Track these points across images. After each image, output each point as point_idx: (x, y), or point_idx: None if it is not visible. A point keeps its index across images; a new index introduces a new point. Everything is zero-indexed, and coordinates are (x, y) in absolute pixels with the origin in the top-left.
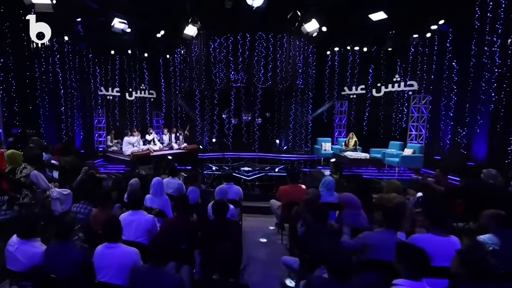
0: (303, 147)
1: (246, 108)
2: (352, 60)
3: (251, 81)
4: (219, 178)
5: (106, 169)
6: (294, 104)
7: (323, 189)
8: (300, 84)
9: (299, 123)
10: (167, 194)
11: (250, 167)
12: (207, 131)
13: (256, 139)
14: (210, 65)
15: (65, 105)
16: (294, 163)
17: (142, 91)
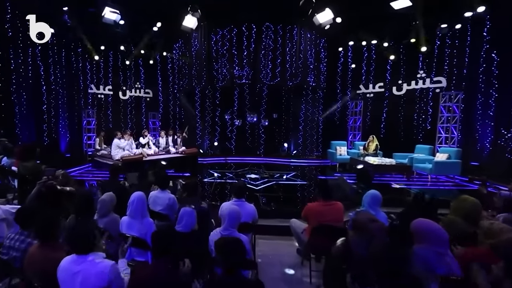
0: (314, 152)
1: (251, 108)
2: (368, 56)
3: (257, 78)
4: (222, 187)
5: (94, 176)
6: (304, 104)
7: (366, 206)
8: (311, 81)
9: (309, 125)
10: (154, 214)
11: (258, 175)
12: (208, 134)
13: (262, 142)
14: (212, 60)
15: (47, 103)
16: (309, 170)
17: (137, 90)
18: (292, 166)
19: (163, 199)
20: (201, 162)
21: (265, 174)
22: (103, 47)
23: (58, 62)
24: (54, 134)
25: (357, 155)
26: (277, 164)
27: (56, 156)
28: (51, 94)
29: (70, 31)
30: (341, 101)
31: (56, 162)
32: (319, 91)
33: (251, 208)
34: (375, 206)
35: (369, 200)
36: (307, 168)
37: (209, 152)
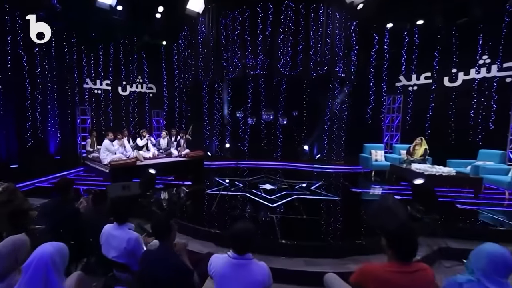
0: (342, 156)
1: (267, 104)
2: (410, 40)
3: (273, 68)
4: (227, 202)
5: (84, 182)
6: (331, 99)
7: (479, 275)
8: (340, 72)
9: (337, 124)
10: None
11: (274, 184)
12: (217, 134)
13: (280, 144)
14: (221, 48)
15: (32, 98)
16: (336, 178)
17: (139, 84)
18: (315, 173)
19: (120, 240)
20: (208, 166)
21: (283, 184)
22: (99, 36)
23: (47, 52)
24: (40, 134)
25: (399, 161)
26: (297, 170)
27: (43, 158)
28: (37, 88)
29: (59, 17)
30: (373, 95)
31: (41, 165)
32: (348, 83)
33: (264, 270)
34: (497, 276)
35: (485, 265)
36: (333, 176)
37: (219, 155)
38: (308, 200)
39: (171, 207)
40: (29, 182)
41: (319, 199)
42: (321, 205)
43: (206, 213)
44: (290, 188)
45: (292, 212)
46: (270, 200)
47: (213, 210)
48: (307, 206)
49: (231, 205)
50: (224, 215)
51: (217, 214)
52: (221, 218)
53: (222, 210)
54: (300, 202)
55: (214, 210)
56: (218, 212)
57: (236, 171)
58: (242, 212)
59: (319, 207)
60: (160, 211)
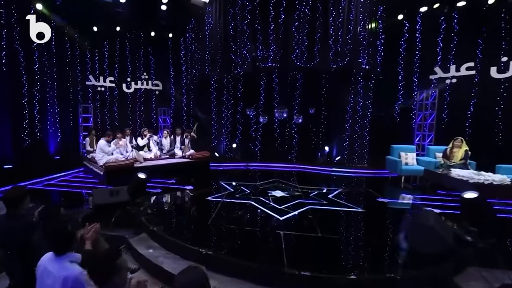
0: (365, 158)
1: (281, 101)
2: (448, 26)
3: (287, 60)
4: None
5: (82, 185)
6: (353, 95)
7: None
8: (364, 64)
9: (360, 123)
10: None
11: (286, 191)
12: (226, 134)
13: (294, 145)
14: (229, 39)
15: (29, 96)
16: (358, 183)
17: (144, 81)
18: (334, 177)
19: (54, 279)
20: (216, 168)
21: (296, 191)
22: (102, 30)
23: (46, 48)
24: (39, 133)
25: (435, 166)
26: (314, 174)
27: (40, 159)
28: (35, 85)
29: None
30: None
31: (38, 166)
32: (373, 77)
33: None
34: None
35: None
36: (355, 181)
37: (228, 156)
38: (325, 212)
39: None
40: (21, 184)
41: (338, 211)
42: (340, 219)
43: (200, 226)
44: (304, 195)
45: (304, 227)
46: (279, 210)
47: (209, 223)
48: (323, 219)
49: (231, 217)
50: (221, 230)
51: (213, 228)
52: (217, 233)
53: (220, 223)
54: (315, 214)
55: (210, 223)
56: (214, 226)
57: (245, 174)
58: (242, 226)
59: (338, 221)
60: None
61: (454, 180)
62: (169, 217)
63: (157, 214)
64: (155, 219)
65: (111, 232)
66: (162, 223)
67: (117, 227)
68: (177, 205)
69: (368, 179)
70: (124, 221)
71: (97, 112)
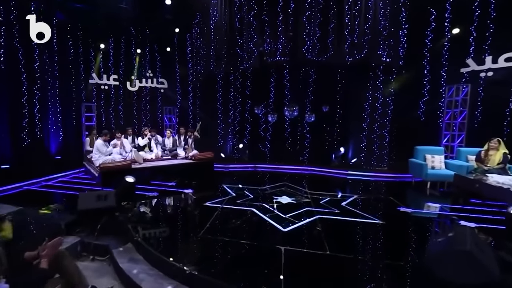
0: (385, 161)
1: (292, 98)
2: (484, 13)
3: (298, 53)
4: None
5: (80, 187)
6: (371, 91)
7: None
8: (384, 56)
9: (379, 122)
10: None
11: (293, 197)
12: (232, 133)
13: (307, 145)
14: (235, 33)
15: (29, 95)
16: (376, 188)
17: (149, 79)
18: (350, 181)
19: None
20: (221, 170)
21: (305, 197)
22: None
23: (47, 46)
24: (39, 132)
25: (467, 171)
26: (327, 178)
27: (40, 158)
28: (35, 83)
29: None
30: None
31: (37, 166)
32: (395, 70)
33: None
34: None
35: None
36: (373, 186)
37: (236, 156)
38: (337, 223)
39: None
40: (18, 184)
41: (352, 222)
42: (354, 232)
43: (190, 238)
44: (314, 202)
45: (310, 242)
46: (282, 220)
47: (201, 234)
48: (334, 233)
49: (227, 227)
50: (213, 243)
51: (204, 241)
52: (208, 247)
53: (213, 235)
54: (324, 226)
55: (202, 235)
56: (206, 238)
57: (252, 177)
58: (238, 239)
59: (350, 236)
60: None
61: (492, 188)
62: (158, 226)
63: (146, 222)
64: (144, 227)
65: (95, 241)
66: (149, 232)
67: (103, 235)
68: (170, 212)
69: (388, 184)
70: (111, 228)
71: (102, 111)
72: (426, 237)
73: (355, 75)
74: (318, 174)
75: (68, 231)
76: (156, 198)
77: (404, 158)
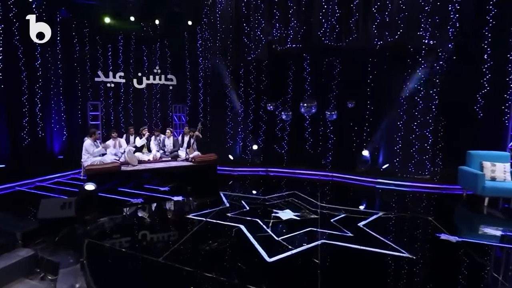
0: (426, 168)
1: (312, 93)
2: None
3: (313, 38)
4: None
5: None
6: (409, 82)
7: None
8: (427, 37)
9: (420, 120)
10: None
11: (298, 211)
12: (241, 132)
13: (330, 146)
14: (241, 20)
15: (29, 93)
16: (414, 205)
17: (157, 76)
18: (379, 190)
19: None
20: (228, 174)
21: (313, 211)
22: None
23: (49, 44)
24: (41, 132)
25: None
26: (352, 186)
27: (40, 158)
28: (37, 82)
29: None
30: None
31: (36, 165)
32: (443, 56)
33: None
34: None
35: None
36: (409, 200)
37: (248, 159)
38: (345, 254)
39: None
40: (10, 184)
41: (368, 254)
42: (367, 271)
43: (148, 264)
44: (323, 220)
45: (300, 283)
46: (272, 244)
47: (162, 259)
48: (338, 269)
49: (200, 250)
50: (173, 272)
51: (163, 269)
52: (165, 279)
53: (178, 260)
54: (325, 257)
55: (163, 260)
56: (167, 266)
57: (260, 183)
58: (206, 269)
59: (361, 275)
60: None
61: None
62: (118, 244)
63: (103, 238)
64: (103, 244)
65: (48, 256)
66: (99, 253)
67: (57, 249)
68: (140, 226)
69: (429, 198)
70: (70, 242)
71: (110, 110)
72: (479, 285)
73: (387, 62)
74: (341, 182)
75: (25, 242)
76: (130, 207)
77: (453, 165)
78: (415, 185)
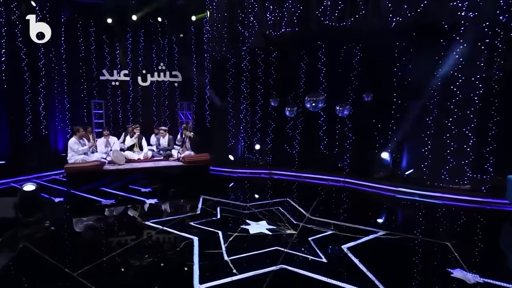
0: (465, 176)
1: (320, 85)
2: None
3: (311, 19)
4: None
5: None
6: (441, 68)
7: None
8: (464, 11)
9: (455, 117)
10: None
11: (275, 224)
12: (243, 131)
13: (348, 147)
14: (236, 7)
15: (32, 92)
16: (450, 228)
17: (161, 73)
18: (403, 202)
19: None
20: (227, 175)
21: (294, 225)
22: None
23: (53, 43)
24: (44, 130)
25: None
26: (366, 194)
27: (42, 155)
28: (40, 81)
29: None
30: None
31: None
32: (487, 33)
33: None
34: None
35: None
36: (442, 217)
37: (254, 160)
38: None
39: None
40: (6, 180)
41: None
42: None
43: (65, 277)
44: (299, 237)
45: None
46: (217, 265)
47: (80, 272)
48: None
49: (127, 265)
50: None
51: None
52: None
53: (89, 278)
54: None
55: (81, 274)
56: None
57: (256, 187)
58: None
59: None
60: None
61: None
62: (43, 250)
63: (43, 243)
64: (36, 250)
65: None
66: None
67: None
68: (84, 231)
69: (467, 213)
70: (12, 245)
71: (118, 108)
72: None
73: (407, 45)
74: (354, 188)
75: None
76: (93, 209)
77: (501, 173)
78: (447, 196)
